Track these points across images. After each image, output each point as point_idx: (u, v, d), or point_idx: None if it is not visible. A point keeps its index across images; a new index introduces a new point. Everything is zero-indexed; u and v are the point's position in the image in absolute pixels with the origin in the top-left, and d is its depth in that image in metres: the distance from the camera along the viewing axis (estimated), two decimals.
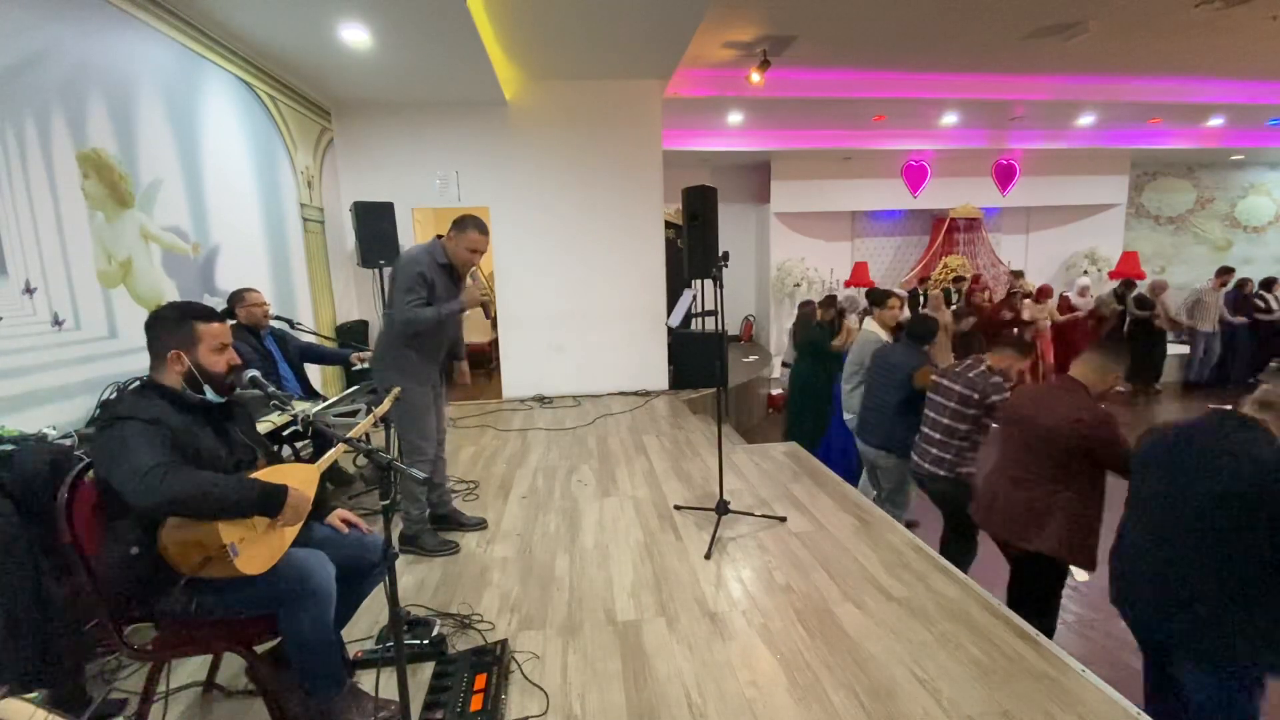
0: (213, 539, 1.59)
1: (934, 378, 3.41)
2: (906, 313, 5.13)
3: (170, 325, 1.74)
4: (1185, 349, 9.03)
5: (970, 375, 3.16)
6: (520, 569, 2.94)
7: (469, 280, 3.07)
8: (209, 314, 1.80)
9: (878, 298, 4.63)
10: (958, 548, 3.31)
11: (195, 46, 3.90)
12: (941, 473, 3.22)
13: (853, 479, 4.21)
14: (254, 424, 2.00)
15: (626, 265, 6.46)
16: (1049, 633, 2.58)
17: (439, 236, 3.00)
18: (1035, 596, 2.66)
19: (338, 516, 2.04)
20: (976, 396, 3.10)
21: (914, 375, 3.66)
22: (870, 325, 4.44)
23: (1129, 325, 8.47)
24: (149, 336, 1.75)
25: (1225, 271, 8.82)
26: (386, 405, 2.33)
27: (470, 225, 2.92)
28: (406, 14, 3.97)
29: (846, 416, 4.46)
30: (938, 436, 3.27)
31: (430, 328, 2.90)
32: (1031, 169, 10.13)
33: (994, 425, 3.09)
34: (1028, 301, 8.17)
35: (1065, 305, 8.71)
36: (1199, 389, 8.73)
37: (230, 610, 1.73)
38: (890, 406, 3.79)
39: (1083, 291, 8.81)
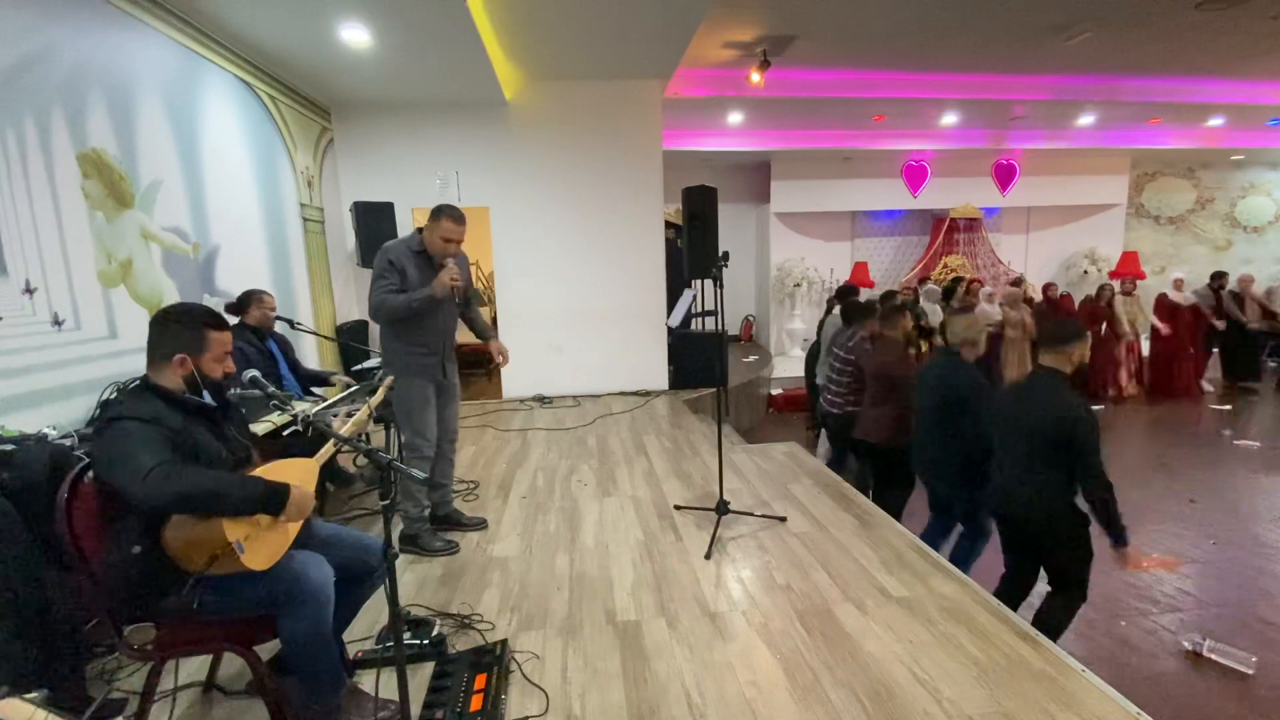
0: (218, 538, 1.59)
1: (833, 346, 4.33)
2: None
3: (181, 329, 1.73)
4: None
5: (849, 344, 4.12)
6: (520, 569, 2.94)
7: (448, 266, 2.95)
8: (220, 322, 1.80)
9: (845, 292, 5.53)
10: (849, 467, 4.36)
11: (195, 46, 3.90)
12: (835, 411, 4.24)
13: None
14: (246, 422, 2.01)
15: (626, 265, 6.46)
16: (900, 508, 3.68)
17: (419, 229, 2.98)
18: (885, 477, 3.86)
19: None
20: (853, 359, 4.08)
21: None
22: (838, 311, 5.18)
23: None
24: (155, 337, 1.73)
25: None
26: (380, 395, 2.33)
27: (444, 214, 2.88)
28: (406, 14, 3.97)
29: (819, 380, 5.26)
30: (834, 387, 4.26)
31: (405, 314, 2.86)
32: (1031, 169, 10.12)
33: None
34: (1120, 297, 8.10)
35: (1162, 301, 8.48)
36: None
37: (230, 611, 1.73)
38: None
39: (1178, 285, 8.60)
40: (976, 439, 2.98)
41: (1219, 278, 8.61)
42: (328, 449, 1.94)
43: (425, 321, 2.97)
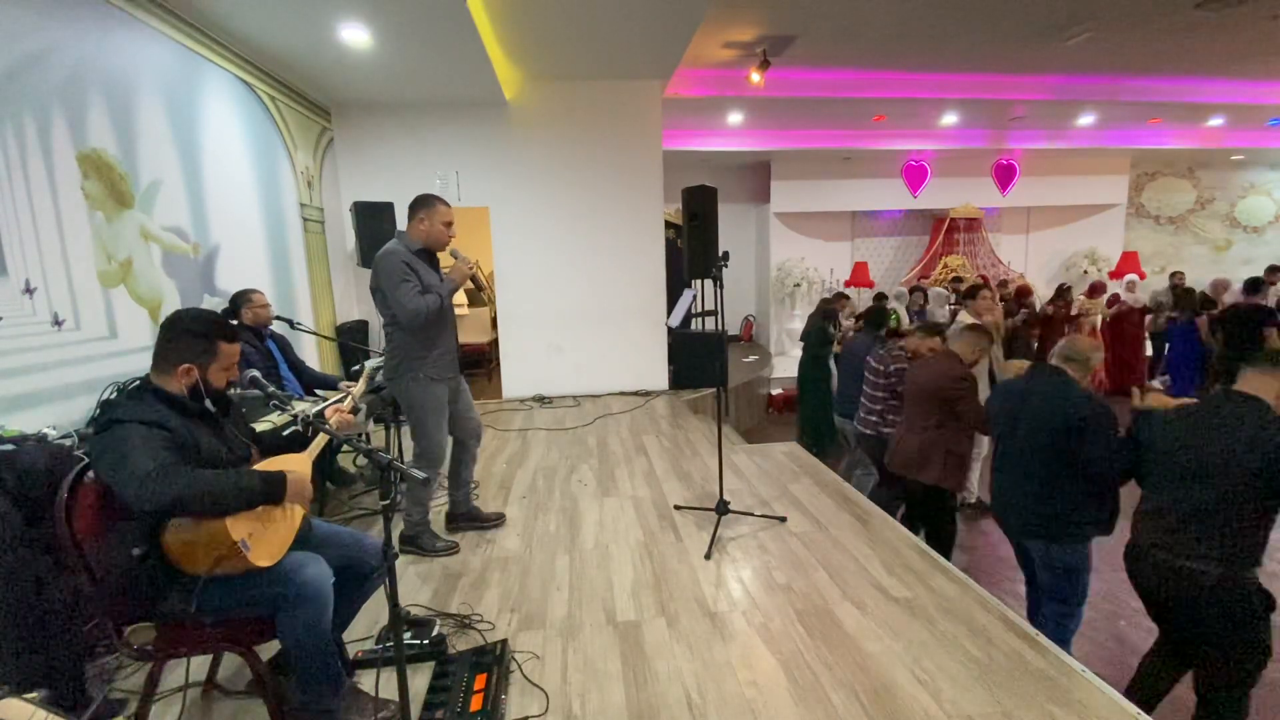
0: (223, 538, 1.60)
1: (869, 359, 4.02)
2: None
3: (192, 339, 1.73)
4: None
5: (880, 353, 3.85)
6: (520, 569, 2.94)
7: (450, 256, 2.98)
8: (231, 333, 1.81)
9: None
10: (887, 496, 3.93)
11: (195, 46, 3.90)
12: (868, 431, 3.90)
13: None
14: (245, 419, 2.01)
15: (626, 265, 6.45)
16: (947, 554, 3.20)
17: (401, 232, 2.98)
18: (930, 521, 3.37)
19: None
20: (882, 369, 3.78)
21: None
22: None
23: None
24: (165, 342, 1.73)
25: (1275, 270, 8.54)
26: (362, 384, 2.34)
27: (436, 201, 2.89)
28: (406, 14, 3.97)
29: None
30: (867, 403, 3.98)
31: (435, 314, 2.86)
32: (1031, 169, 10.13)
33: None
34: (1080, 298, 8.30)
35: (1114, 301, 8.70)
36: None
37: (230, 611, 1.73)
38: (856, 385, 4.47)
39: (1131, 287, 8.92)
40: (1094, 480, 2.52)
41: (1176, 276, 8.81)
42: (319, 442, 1.95)
43: (445, 318, 2.97)
